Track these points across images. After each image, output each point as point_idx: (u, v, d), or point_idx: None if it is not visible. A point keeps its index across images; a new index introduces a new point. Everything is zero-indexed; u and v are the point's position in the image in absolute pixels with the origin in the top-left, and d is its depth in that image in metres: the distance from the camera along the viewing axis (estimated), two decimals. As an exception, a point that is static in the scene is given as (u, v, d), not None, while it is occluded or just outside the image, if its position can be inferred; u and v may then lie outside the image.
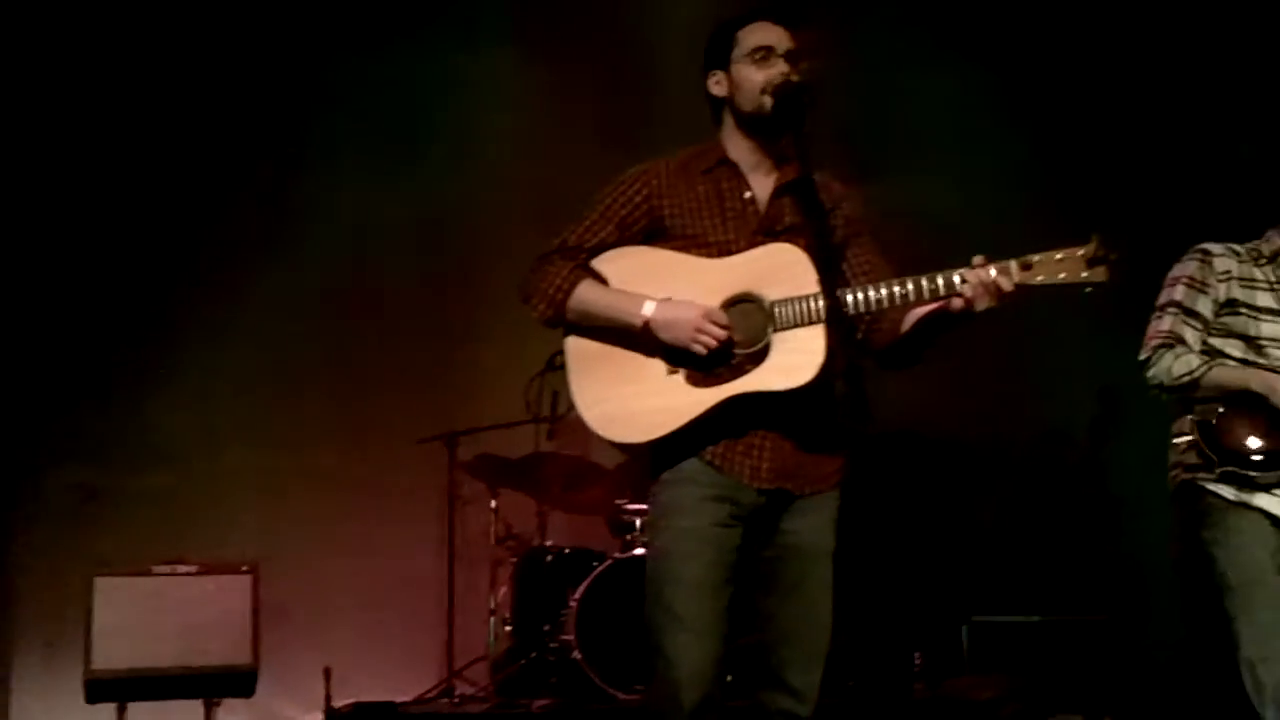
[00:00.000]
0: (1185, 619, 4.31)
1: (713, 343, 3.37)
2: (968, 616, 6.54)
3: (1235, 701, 4.08)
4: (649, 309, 3.43)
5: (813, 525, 3.51)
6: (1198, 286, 4.29)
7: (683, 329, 3.39)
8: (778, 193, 3.57)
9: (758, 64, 3.53)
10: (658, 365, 3.46)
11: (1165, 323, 4.28)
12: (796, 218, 3.52)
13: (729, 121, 3.62)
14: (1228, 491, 4.15)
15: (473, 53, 7.25)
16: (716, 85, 3.62)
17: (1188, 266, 4.33)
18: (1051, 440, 7.27)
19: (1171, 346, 4.24)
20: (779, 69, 3.50)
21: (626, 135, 6.81)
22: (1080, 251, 3.28)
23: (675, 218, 3.54)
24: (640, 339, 3.45)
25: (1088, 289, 3.29)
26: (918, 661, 6.56)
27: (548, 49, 7.33)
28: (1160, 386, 4.25)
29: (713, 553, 3.43)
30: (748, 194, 3.56)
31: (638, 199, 3.57)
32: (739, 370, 3.40)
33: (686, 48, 3.81)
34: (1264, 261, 4.34)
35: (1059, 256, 3.29)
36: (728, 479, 3.45)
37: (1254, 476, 4.14)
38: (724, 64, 3.59)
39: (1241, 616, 4.09)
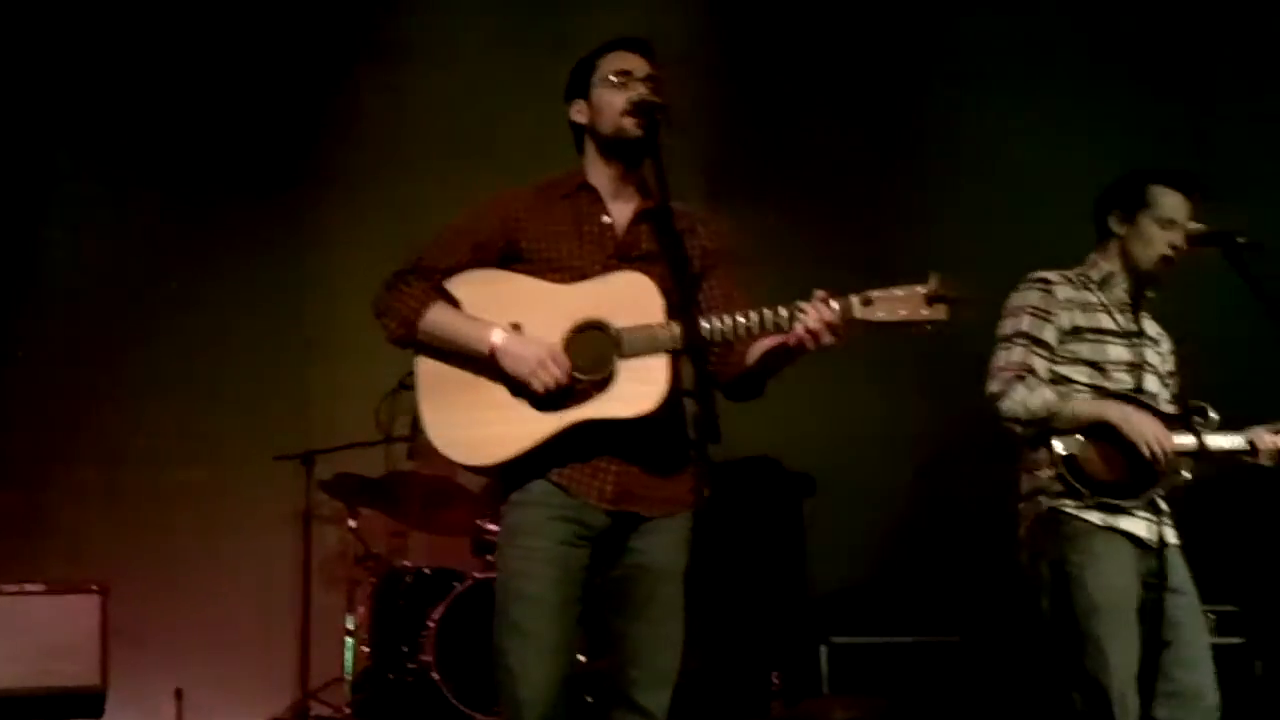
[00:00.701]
0: (1039, 642, 4.35)
1: (550, 382, 3.40)
2: (826, 637, 6.58)
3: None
4: (497, 337, 3.46)
5: (661, 545, 3.54)
6: (1043, 315, 4.32)
7: (524, 364, 3.42)
8: (636, 219, 3.61)
9: (617, 87, 3.57)
10: (504, 390, 3.47)
11: (1016, 354, 4.30)
12: (653, 245, 3.56)
13: (590, 148, 3.66)
14: (1094, 517, 4.20)
15: (336, 69, 7.20)
16: (578, 113, 3.66)
17: (1030, 296, 4.36)
18: (909, 463, 7.36)
19: (1024, 378, 4.26)
20: (638, 90, 3.53)
21: (489, 156, 6.80)
22: (921, 289, 3.31)
23: (532, 241, 3.56)
24: (487, 364, 3.47)
25: (928, 327, 3.32)
26: (775, 682, 6.60)
27: (412, 67, 7.29)
28: (1015, 420, 4.26)
29: (559, 572, 3.47)
30: (606, 219, 3.60)
31: (495, 221, 3.59)
32: (584, 396, 3.43)
33: (557, 71, 3.82)
34: (1093, 286, 4.40)
35: (900, 293, 3.31)
36: (574, 500, 3.48)
37: (1120, 504, 4.20)
38: (584, 91, 3.64)
39: (1109, 641, 4.13)
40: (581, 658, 5.52)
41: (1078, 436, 4.21)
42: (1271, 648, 6.21)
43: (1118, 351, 4.33)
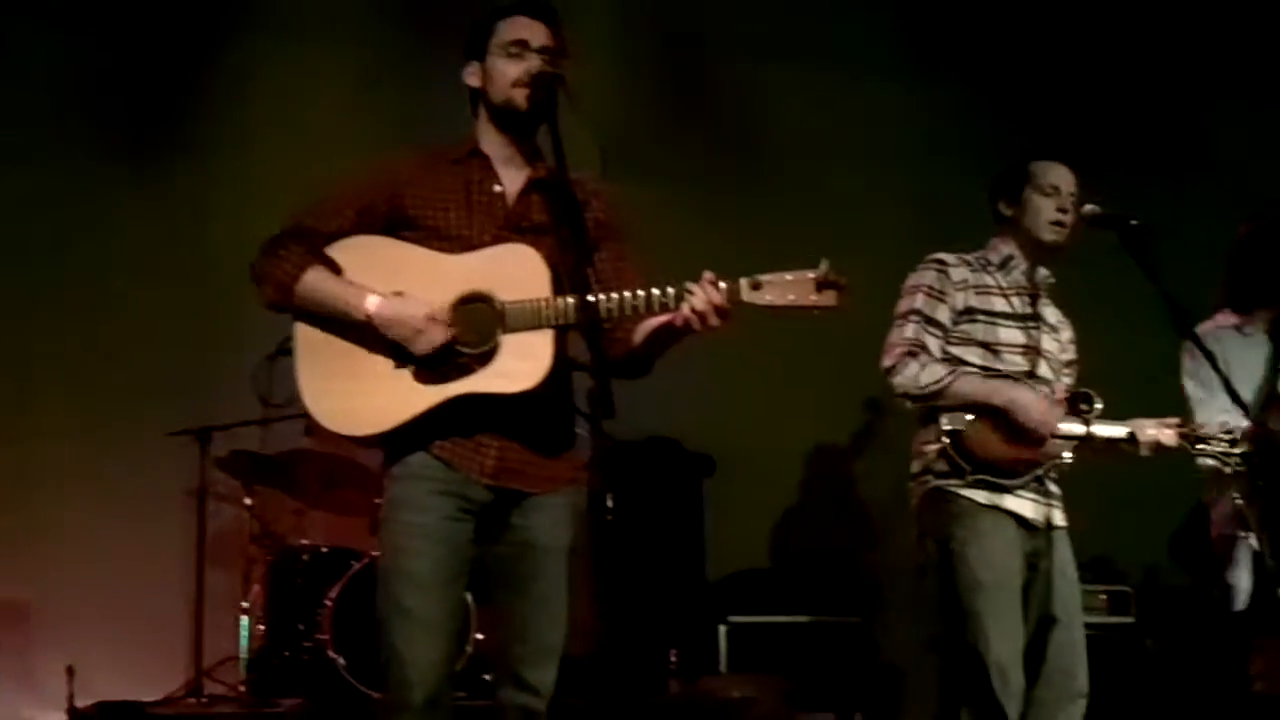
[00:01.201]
0: (931, 621, 4.41)
1: (435, 342, 3.34)
2: (725, 617, 6.61)
3: (977, 698, 4.18)
4: (372, 303, 3.39)
5: (546, 522, 3.51)
6: (937, 295, 4.38)
7: (405, 327, 3.36)
8: (527, 189, 3.56)
9: (511, 57, 3.51)
10: (385, 360, 3.41)
11: (909, 331, 4.36)
12: (544, 215, 3.51)
13: (483, 113, 3.60)
14: (980, 496, 4.25)
15: (243, 42, 7.13)
16: (472, 76, 3.60)
17: (925, 276, 4.43)
18: (808, 445, 7.42)
19: (916, 355, 4.32)
20: (532, 63, 3.48)
21: (403, 132, 6.74)
22: (811, 274, 3.29)
23: (419, 208, 3.50)
24: (366, 332, 3.40)
25: (816, 312, 3.31)
26: (673, 660, 6.62)
27: (325, 42, 7.21)
28: (906, 395, 4.32)
29: (442, 548, 3.42)
30: (497, 187, 3.54)
31: (380, 185, 3.52)
32: (466, 370, 3.38)
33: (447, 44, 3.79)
34: (994, 269, 4.47)
35: (789, 278, 3.30)
36: (457, 474, 3.44)
37: (1004, 483, 4.26)
38: (480, 55, 3.57)
39: (992, 617, 4.19)
40: (479, 635, 5.54)
41: (966, 415, 4.26)
42: (1162, 627, 6.32)
43: (1010, 335, 4.39)
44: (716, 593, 6.94)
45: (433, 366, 3.38)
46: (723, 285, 3.30)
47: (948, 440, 4.26)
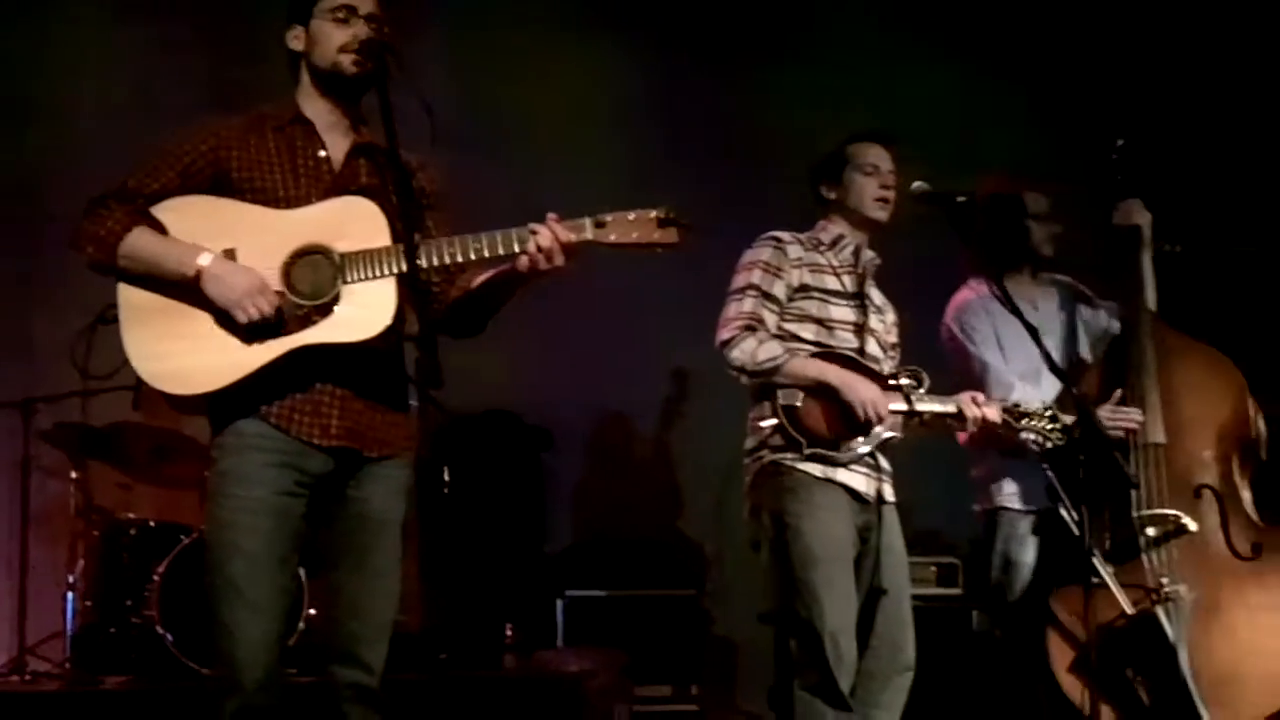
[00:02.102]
0: (765, 594, 4.45)
1: (255, 315, 3.26)
2: (562, 591, 6.62)
3: (810, 669, 4.25)
4: (205, 260, 3.30)
5: (381, 493, 3.46)
6: (773, 271, 4.43)
7: (232, 292, 3.27)
8: (353, 153, 3.52)
9: (338, 22, 3.47)
10: (216, 317, 3.32)
11: (746, 305, 4.41)
12: (373, 179, 3.48)
13: (305, 78, 3.55)
14: (814, 469, 4.31)
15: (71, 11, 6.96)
16: (295, 40, 3.55)
17: (762, 252, 4.48)
18: (646, 420, 7.45)
19: (754, 329, 4.37)
20: (359, 30, 3.44)
21: (234, 98, 6.61)
22: (652, 214, 3.35)
23: (243, 171, 3.43)
24: (194, 290, 3.31)
25: (659, 249, 3.37)
26: (509, 634, 6.61)
27: (151, 7, 7.09)
28: (742, 370, 4.36)
29: (275, 524, 3.35)
30: (322, 152, 3.50)
31: (203, 148, 3.44)
32: (305, 322, 3.31)
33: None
34: (824, 248, 4.54)
35: (631, 217, 3.35)
36: (292, 442, 3.36)
37: (837, 456, 4.32)
38: (304, 19, 3.52)
39: (824, 589, 4.25)
40: (312, 611, 5.49)
41: (800, 392, 4.31)
42: (988, 600, 6.45)
43: (842, 312, 4.47)
44: (554, 566, 6.94)
45: (265, 324, 3.30)
46: (567, 225, 3.32)
47: (783, 416, 4.31)
